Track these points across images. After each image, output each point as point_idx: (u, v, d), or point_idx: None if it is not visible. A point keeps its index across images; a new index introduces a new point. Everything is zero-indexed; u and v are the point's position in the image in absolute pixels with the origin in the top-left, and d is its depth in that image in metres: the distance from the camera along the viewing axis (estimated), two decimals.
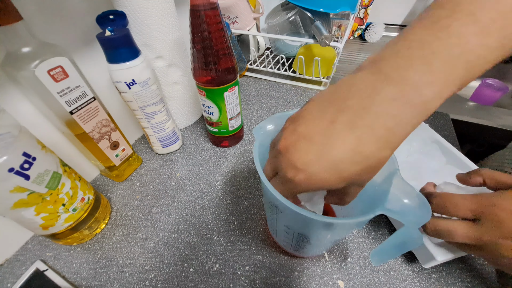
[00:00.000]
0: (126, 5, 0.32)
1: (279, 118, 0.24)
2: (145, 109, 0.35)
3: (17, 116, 0.24)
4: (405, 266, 0.29)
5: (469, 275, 0.28)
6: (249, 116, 0.51)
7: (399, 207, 0.17)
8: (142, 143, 0.46)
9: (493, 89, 0.68)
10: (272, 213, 0.23)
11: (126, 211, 0.35)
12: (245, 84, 0.62)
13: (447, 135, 0.45)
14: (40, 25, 0.28)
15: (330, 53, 0.56)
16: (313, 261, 0.29)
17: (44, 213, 0.26)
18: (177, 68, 0.41)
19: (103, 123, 0.32)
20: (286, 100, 0.55)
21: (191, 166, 0.41)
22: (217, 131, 0.42)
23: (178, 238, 0.32)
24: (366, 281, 0.28)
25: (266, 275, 0.28)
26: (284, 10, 0.63)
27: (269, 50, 0.69)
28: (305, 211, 0.17)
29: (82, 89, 0.29)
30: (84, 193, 0.30)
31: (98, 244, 0.32)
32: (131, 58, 0.31)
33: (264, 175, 0.19)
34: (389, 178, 0.19)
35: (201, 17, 0.29)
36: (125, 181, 0.40)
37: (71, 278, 0.29)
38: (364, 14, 0.82)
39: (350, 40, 0.86)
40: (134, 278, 0.29)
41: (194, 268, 0.29)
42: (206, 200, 0.36)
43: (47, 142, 0.27)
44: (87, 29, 0.33)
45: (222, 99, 0.37)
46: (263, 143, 0.23)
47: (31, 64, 0.23)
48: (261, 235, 0.32)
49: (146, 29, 0.34)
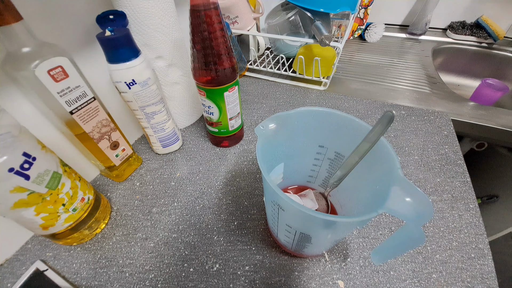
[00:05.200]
0: (126, 5, 0.32)
1: (280, 118, 0.24)
2: (145, 109, 0.35)
3: (17, 116, 0.24)
4: (405, 266, 0.28)
5: (469, 275, 0.28)
6: (249, 116, 0.51)
7: (401, 205, 0.17)
8: (142, 143, 0.46)
9: (493, 89, 0.68)
10: (273, 212, 0.23)
11: (126, 211, 0.35)
12: (245, 84, 0.62)
13: (447, 135, 0.45)
14: (40, 25, 0.28)
15: (330, 53, 0.56)
16: (313, 261, 0.29)
17: (44, 213, 0.26)
18: (177, 68, 0.41)
19: (103, 123, 0.32)
20: (286, 100, 0.55)
21: (191, 166, 0.41)
22: (217, 131, 0.42)
23: (178, 238, 0.32)
24: (366, 281, 0.28)
25: (266, 275, 0.28)
26: (284, 10, 0.63)
27: (269, 50, 0.69)
28: (309, 209, 0.17)
29: (82, 89, 0.29)
30: (84, 193, 0.30)
31: (98, 244, 0.32)
32: (131, 58, 0.31)
33: (266, 173, 0.19)
34: (390, 176, 0.19)
35: (201, 17, 0.29)
36: (125, 181, 0.40)
37: (71, 278, 0.29)
38: (364, 14, 0.82)
39: (350, 40, 0.86)
40: (134, 278, 0.29)
41: (194, 268, 0.29)
42: (206, 200, 0.36)
43: (47, 142, 0.27)
44: (87, 29, 0.33)
45: (222, 99, 0.37)
46: (265, 142, 0.23)
47: (31, 64, 0.23)
48: (261, 235, 0.32)
49: (146, 29, 0.34)
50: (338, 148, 0.27)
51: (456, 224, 0.32)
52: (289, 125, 0.25)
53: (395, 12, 0.91)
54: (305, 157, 0.30)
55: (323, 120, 0.26)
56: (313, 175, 0.32)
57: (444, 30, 0.89)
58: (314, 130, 0.27)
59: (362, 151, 0.23)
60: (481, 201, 0.75)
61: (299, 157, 0.30)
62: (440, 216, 0.33)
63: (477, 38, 0.80)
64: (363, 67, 0.70)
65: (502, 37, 0.77)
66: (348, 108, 0.52)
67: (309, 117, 0.26)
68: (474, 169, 0.80)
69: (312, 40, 0.52)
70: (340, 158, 0.28)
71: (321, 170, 0.31)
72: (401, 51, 0.77)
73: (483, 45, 0.81)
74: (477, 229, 0.31)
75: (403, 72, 0.67)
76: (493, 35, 0.76)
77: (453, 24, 0.85)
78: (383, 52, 0.77)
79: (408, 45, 0.81)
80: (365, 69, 0.68)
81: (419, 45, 0.81)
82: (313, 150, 0.29)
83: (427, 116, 0.49)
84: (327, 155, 0.29)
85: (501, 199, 0.72)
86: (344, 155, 0.27)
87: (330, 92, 0.58)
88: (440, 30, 0.89)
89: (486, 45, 0.80)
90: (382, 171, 0.21)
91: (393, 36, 0.88)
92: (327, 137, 0.27)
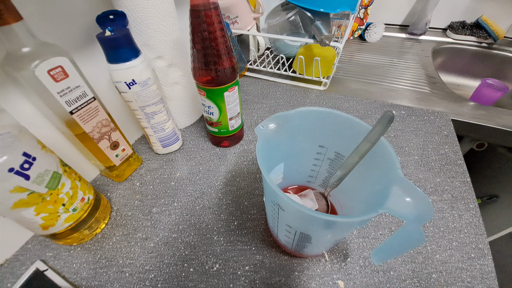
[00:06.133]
0: (126, 5, 0.32)
1: (280, 118, 0.24)
2: (145, 109, 0.35)
3: (17, 116, 0.24)
4: (405, 266, 0.28)
5: (469, 275, 0.28)
6: (249, 116, 0.51)
7: (401, 205, 0.17)
8: (142, 143, 0.46)
9: (493, 89, 0.68)
10: (273, 212, 0.23)
11: (126, 211, 0.35)
12: (245, 84, 0.62)
13: (447, 135, 0.45)
14: (40, 25, 0.28)
15: (330, 53, 0.56)
16: (313, 261, 0.29)
17: (44, 213, 0.26)
18: (177, 68, 0.41)
19: (103, 123, 0.32)
20: (286, 100, 0.55)
21: (191, 166, 0.41)
22: (217, 131, 0.42)
23: (178, 238, 0.32)
24: (366, 281, 0.28)
25: (266, 275, 0.28)
26: (284, 10, 0.63)
27: (269, 50, 0.69)
28: (309, 209, 0.17)
29: (82, 89, 0.29)
30: (84, 193, 0.30)
31: (98, 244, 0.32)
32: (131, 58, 0.31)
33: (266, 173, 0.19)
34: (390, 176, 0.19)
35: (201, 17, 0.29)
36: (125, 181, 0.40)
37: (71, 278, 0.29)
38: (364, 14, 0.82)
39: (350, 40, 0.86)
40: (134, 278, 0.29)
41: (194, 268, 0.29)
42: (206, 200, 0.36)
43: (47, 142, 0.27)
44: (87, 29, 0.33)
45: (222, 99, 0.37)
46: (265, 142, 0.23)
47: (31, 64, 0.23)
48: (261, 235, 0.32)
49: (146, 29, 0.34)
50: (338, 148, 0.27)
51: (456, 224, 0.32)
52: (289, 125, 0.25)
53: (395, 12, 0.91)
54: (305, 157, 0.30)
55: (323, 120, 0.26)
56: (313, 175, 0.32)
57: (444, 30, 0.89)
58: (314, 130, 0.27)
59: (362, 151, 0.23)
60: (481, 201, 0.75)
61: (299, 157, 0.30)
62: (440, 216, 0.33)
63: (477, 38, 0.80)
64: (363, 67, 0.70)
65: (502, 37, 0.77)
66: (348, 108, 0.52)
67: (309, 117, 0.26)
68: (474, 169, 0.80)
69: (312, 40, 0.52)
70: (340, 158, 0.28)
71: (321, 170, 0.31)
72: (401, 51, 0.77)
73: (483, 45, 0.81)
74: (477, 229, 0.31)
75: (403, 72, 0.67)
76: (493, 35, 0.77)
77: (453, 24, 0.85)
78: (383, 52, 0.77)
79: (408, 45, 0.81)
80: (365, 69, 0.68)
81: (419, 45, 0.81)
82: (313, 150, 0.29)
83: (427, 116, 0.49)
84: (327, 155, 0.29)
85: (501, 199, 0.72)
86: (344, 155, 0.27)
87: (330, 92, 0.58)
88: (440, 30, 0.89)
89: (486, 45, 0.80)
90: (382, 171, 0.21)
91: (393, 36, 0.88)
92: (327, 137, 0.27)
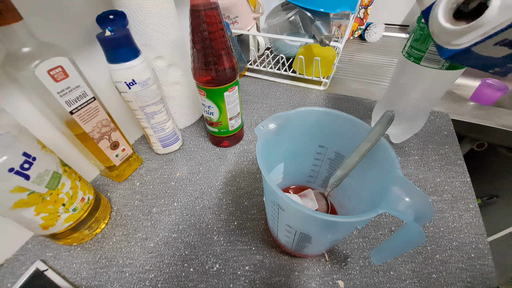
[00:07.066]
0: (126, 5, 0.32)
1: (280, 118, 0.24)
2: (145, 109, 0.35)
3: (17, 116, 0.24)
4: (405, 266, 0.28)
5: (469, 275, 0.28)
6: (249, 116, 0.51)
7: (401, 205, 0.17)
8: (142, 143, 0.46)
9: (493, 89, 0.68)
10: (273, 212, 0.23)
11: (126, 211, 0.35)
12: (245, 84, 0.62)
13: (447, 135, 0.45)
14: (40, 25, 0.28)
15: (330, 53, 0.56)
16: (313, 261, 0.29)
17: (44, 213, 0.26)
18: (177, 68, 0.41)
19: (103, 123, 0.32)
20: (286, 100, 0.55)
21: (191, 166, 0.41)
22: (217, 131, 0.42)
23: (178, 238, 0.32)
24: (366, 281, 0.28)
25: (266, 275, 0.28)
26: (284, 10, 0.63)
27: (269, 50, 0.69)
28: (309, 209, 0.17)
29: (82, 89, 0.29)
30: (84, 193, 0.30)
31: (98, 244, 0.32)
32: (131, 58, 0.31)
33: (266, 173, 0.19)
34: (390, 176, 0.19)
35: (201, 17, 0.29)
36: (125, 181, 0.40)
37: (71, 278, 0.29)
38: (364, 14, 0.82)
39: (350, 40, 0.86)
40: (134, 278, 0.29)
41: (194, 268, 0.29)
42: (206, 200, 0.36)
43: (47, 142, 0.27)
44: (87, 29, 0.33)
45: (222, 99, 0.37)
46: (265, 142, 0.23)
47: (31, 64, 0.23)
48: (261, 235, 0.32)
49: (146, 29, 0.34)
50: (338, 148, 0.27)
51: (456, 224, 0.32)
52: (289, 125, 0.25)
53: (395, 12, 0.91)
54: (305, 157, 0.30)
55: (323, 120, 0.26)
56: (313, 175, 0.32)
57: None
58: (314, 130, 0.27)
59: (362, 151, 0.23)
60: (481, 201, 0.75)
61: (299, 157, 0.30)
62: (440, 216, 0.33)
63: None
64: (363, 67, 0.70)
65: None
66: (348, 108, 0.52)
67: (309, 117, 0.26)
68: (474, 169, 0.80)
69: (312, 40, 0.52)
70: (340, 158, 0.28)
71: (321, 170, 0.31)
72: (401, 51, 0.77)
73: None
74: (477, 229, 0.31)
75: None
76: None
77: None
78: (383, 52, 0.77)
79: None
80: (365, 69, 0.68)
81: None
82: (313, 150, 0.29)
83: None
84: (327, 155, 0.29)
85: (501, 199, 0.72)
86: (344, 155, 0.27)
87: (330, 92, 0.58)
88: None
89: None
90: (382, 171, 0.21)
91: (393, 36, 0.87)
92: (327, 137, 0.27)
